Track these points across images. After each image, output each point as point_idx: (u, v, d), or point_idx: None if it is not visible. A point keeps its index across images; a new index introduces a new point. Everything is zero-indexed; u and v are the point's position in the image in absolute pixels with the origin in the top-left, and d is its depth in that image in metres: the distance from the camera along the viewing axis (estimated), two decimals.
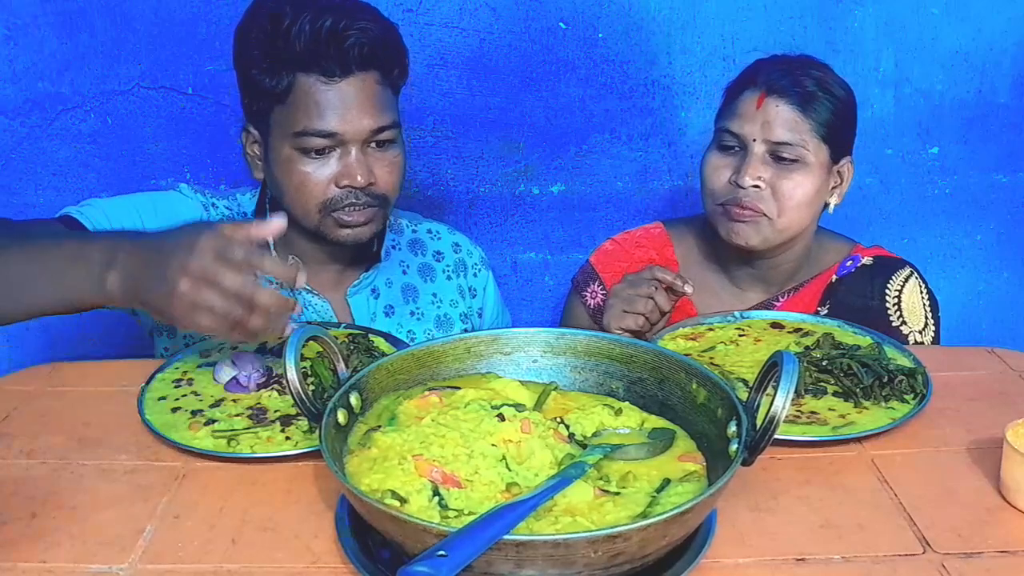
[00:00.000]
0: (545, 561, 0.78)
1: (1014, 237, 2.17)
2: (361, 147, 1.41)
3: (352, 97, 1.38)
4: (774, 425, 0.88)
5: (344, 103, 1.38)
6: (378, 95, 1.41)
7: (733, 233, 1.55)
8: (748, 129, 1.51)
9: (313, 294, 1.54)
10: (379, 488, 0.91)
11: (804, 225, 1.56)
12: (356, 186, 1.40)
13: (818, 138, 1.51)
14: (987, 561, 0.92)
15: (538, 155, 2.05)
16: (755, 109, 1.50)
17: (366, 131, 1.39)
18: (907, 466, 1.09)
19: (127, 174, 2.00)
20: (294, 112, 1.38)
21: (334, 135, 1.38)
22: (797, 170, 1.51)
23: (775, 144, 1.50)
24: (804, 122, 1.49)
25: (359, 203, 1.42)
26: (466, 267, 1.71)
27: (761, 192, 1.51)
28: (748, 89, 1.53)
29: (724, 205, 1.54)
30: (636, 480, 0.97)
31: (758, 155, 1.50)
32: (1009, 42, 2.02)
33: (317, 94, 1.37)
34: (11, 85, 1.93)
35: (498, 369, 1.15)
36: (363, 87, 1.39)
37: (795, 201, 1.51)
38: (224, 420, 1.16)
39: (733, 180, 1.52)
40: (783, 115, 1.49)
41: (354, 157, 1.40)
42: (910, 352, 1.32)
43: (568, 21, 1.96)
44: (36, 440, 1.15)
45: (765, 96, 1.50)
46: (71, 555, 0.93)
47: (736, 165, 1.53)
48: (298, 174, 1.40)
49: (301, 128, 1.38)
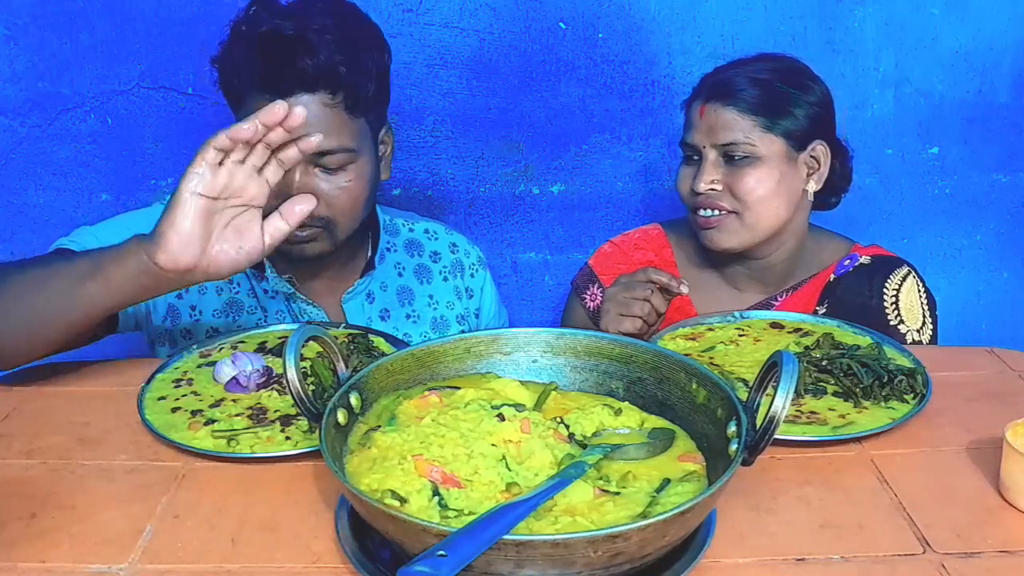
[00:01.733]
0: (545, 561, 0.78)
1: (1014, 237, 2.17)
2: (305, 167, 1.39)
3: None
4: (774, 425, 0.88)
5: None
6: (325, 117, 1.38)
7: (708, 240, 1.61)
8: (698, 138, 1.58)
9: (307, 302, 1.54)
10: (379, 488, 0.91)
11: (780, 217, 1.58)
12: None
13: (766, 132, 1.54)
14: (987, 561, 0.92)
15: (538, 155, 2.05)
16: (699, 118, 1.58)
17: None
18: (907, 466, 1.09)
19: (127, 174, 2.00)
20: None
21: None
22: (749, 165, 1.55)
23: (723, 146, 1.55)
24: (744, 119, 1.54)
25: None
26: (463, 268, 1.70)
27: (719, 193, 1.57)
28: (695, 101, 1.60)
29: (694, 214, 1.61)
30: (636, 480, 0.97)
31: (710, 160, 1.57)
32: (1009, 42, 2.02)
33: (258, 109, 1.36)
34: (11, 85, 1.93)
35: (498, 369, 1.15)
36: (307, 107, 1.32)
37: (755, 195, 1.55)
38: (224, 420, 1.16)
39: (691, 187, 1.58)
40: (722, 118, 1.55)
41: (295, 176, 1.38)
42: (910, 352, 1.32)
43: (568, 21, 1.96)
44: (36, 440, 1.15)
45: (705, 104, 1.57)
46: (71, 555, 0.93)
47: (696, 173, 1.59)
48: None
49: None
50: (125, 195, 2.00)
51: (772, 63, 1.59)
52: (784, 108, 1.55)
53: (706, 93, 1.58)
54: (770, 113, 1.54)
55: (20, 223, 2.01)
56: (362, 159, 1.44)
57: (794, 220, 1.60)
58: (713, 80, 1.59)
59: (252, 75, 1.37)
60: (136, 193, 2.00)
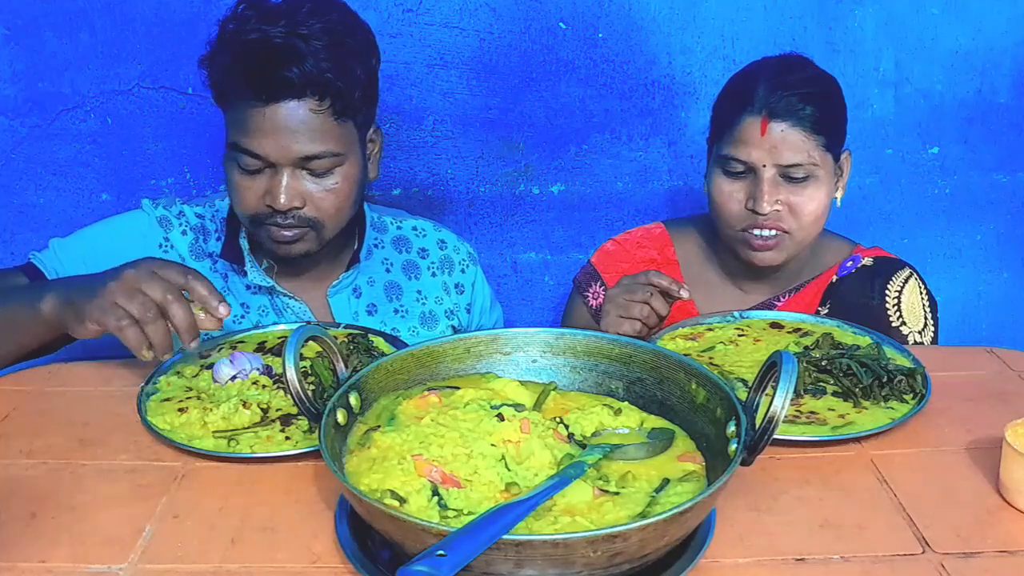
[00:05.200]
0: (544, 561, 0.78)
1: (1014, 237, 2.17)
2: (292, 170, 1.40)
3: (280, 122, 1.37)
4: (773, 425, 0.88)
5: (272, 127, 1.37)
6: (312, 122, 1.39)
7: (758, 260, 1.56)
8: (756, 156, 1.50)
9: (289, 296, 1.55)
10: (378, 488, 0.91)
11: (819, 230, 1.58)
12: (278, 208, 1.40)
13: (823, 149, 1.51)
14: (986, 561, 0.92)
15: (538, 155, 2.05)
16: (759, 136, 1.49)
17: (293, 157, 1.39)
18: (907, 466, 1.09)
19: (127, 174, 2.00)
20: (231, 125, 1.42)
21: (259, 156, 1.39)
22: (810, 185, 1.51)
23: (785, 167, 1.50)
24: (810, 140, 1.49)
25: (284, 223, 1.43)
26: (452, 263, 1.71)
27: (780, 213, 1.52)
28: (747, 114, 1.51)
29: (744, 231, 1.54)
30: (635, 480, 0.97)
31: (769, 179, 1.50)
32: (1009, 42, 2.02)
33: (246, 114, 1.38)
34: (11, 85, 1.93)
35: (497, 369, 1.15)
36: (293, 113, 1.37)
37: (813, 215, 1.53)
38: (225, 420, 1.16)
39: (750, 207, 1.52)
40: (789, 138, 1.49)
41: (283, 179, 1.40)
42: (909, 352, 1.32)
43: (568, 21, 1.96)
44: (36, 440, 1.15)
45: (768, 122, 1.49)
46: (71, 555, 0.93)
47: (748, 190, 1.52)
48: (233, 184, 1.44)
49: (232, 142, 1.41)
50: (125, 195, 2.00)
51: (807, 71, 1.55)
52: (839, 120, 1.54)
53: (768, 109, 1.48)
54: (830, 133, 1.51)
55: (20, 223, 2.01)
56: (349, 162, 1.45)
57: None
58: (772, 94, 1.49)
59: (239, 80, 1.38)
60: (136, 193, 1.99)
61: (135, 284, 1.17)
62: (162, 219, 1.54)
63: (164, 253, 1.52)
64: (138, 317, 1.15)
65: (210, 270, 1.54)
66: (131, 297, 1.16)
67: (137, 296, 1.16)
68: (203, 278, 1.21)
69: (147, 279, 1.17)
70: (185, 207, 1.57)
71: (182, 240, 1.54)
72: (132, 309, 1.15)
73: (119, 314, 1.16)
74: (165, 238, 1.53)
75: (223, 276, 1.54)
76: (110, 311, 1.16)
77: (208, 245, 1.55)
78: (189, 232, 1.54)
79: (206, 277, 1.22)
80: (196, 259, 1.54)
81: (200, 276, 1.21)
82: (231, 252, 1.53)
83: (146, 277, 1.17)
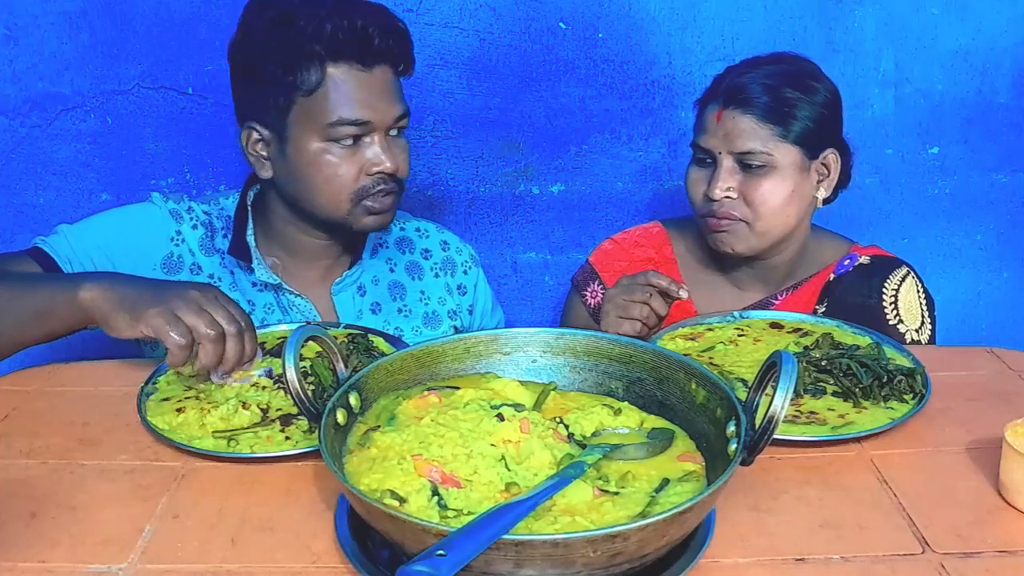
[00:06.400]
0: (544, 561, 0.78)
1: (1014, 237, 2.17)
2: (384, 135, 1.45)
3: (379, 87, 1.43)
4: (773, 425, 0.88)
5: (374, 93, 1.42)
6: (396, 84, 1.47)
7: (718, 242, 1.60)
8: (713, 143, 1.55)
9: (294, 294, 1.55)
10: (378, 488, 0.91)
11: (789, 225, 1.57)
12: (387, 172, 1.45)
13: (783, 141, 1.53)
14: (986, 561, 0.92)
15: (538, 155, 2.05)
16: (716, 123, 1.55)
17: (391, 119, 1.45)
18: (906, 466, 1.09)
19: (127, 174, 2.00)
20: (324, 103, 1.40)
21: (367, 123, 1.42)
22: (766, 175, 1.53)
23: (740, 154, 1.53)
24: (763, 128, 1.52)
25: (387, 188, 1.47)
26: (455, 265, 1.71)
27: (733, 201, 1.55)
28: (711, 103, 1.57)
29: (704, 217, 1.59)
30: (635, 480, 0.97)
31: (726, 167, 1.55)
32: (1009, 42, 2.02)
33: (349, 84, 1.41)
34: (11, 85, 1.93)
35: (497, 369, 1.15)
36: (385, 77, 1.44)
37: (769, 205, 1.54)
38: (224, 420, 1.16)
39: (705, 193, 1.56)
40: (741, 126, 1.52)
41: (380, 145, 1.45)
42: (909, 352, 1.32)
43: (568, 21, 1.96)
44: (36, 440, 1.15)
45: (723, 110, 1.54)
46: (71, 555, 0.93)
47: (709, 178, 1.57)
48: (329, 166, 1.43)
49: (336, 118, 1.41)
50: (125, 195, 2.00)
51: (782, 66, 1.57)
52: (817, 118, 1.54)
53: (723, 98, 1.54)
54: (782, 121, 1.52)
55: (20, 223, 2.01)
56: None
57: (801, 225, 1.61)
58: (729, 84, 1.55)
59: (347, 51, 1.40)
60: (136, 193, 1.99)
61: (202, 304, 1.19)
62: (173, 212, 1.55)
63: (176, 246, 1.53)
64: (201, 335, 1.17)
65: (220, 266, 1.54)
66: (198, 315, 1.18)
67: (203, 315, 1.18)
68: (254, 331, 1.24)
69: (214, 304, 1.20)
70: (193, 203, 1.57)
71: (192, 234, 1.54)
72: (197, 326, 1.17)
73: (181, 327, 1.17)
74: (177, 231, 1.53)
75: (230, 272, 1.55)
76: (172, 323, 1.17)
77: (216, 242, 1.56)
78: (199, 227, 1.55)
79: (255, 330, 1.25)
80: (206, 254, 1.54)
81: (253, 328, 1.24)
82: (238, 249, 1.54)
83: (213, 302, 1.20)
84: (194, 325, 1.17)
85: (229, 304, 1.22)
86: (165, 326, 1.17)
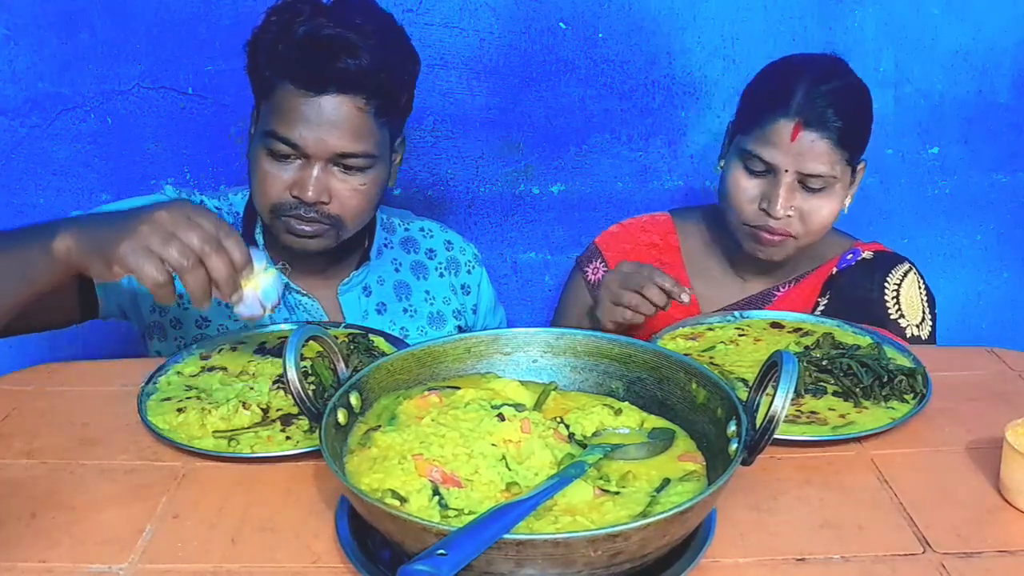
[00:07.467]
0: (545, 560, 0.78)
1: (1014, 237, 2.17)
2: (324, 164, 1.41)
3: (323, 115, 1.38)
4: (774, 425, 0.88)
5: (314, 118, 1.38)
6: (354, 120, 1.39)
7: (760, 252, 1.57)
8: (781, 160, 1.50)
9: (301, 293, 1.55)
10: (379, 488, 0.91)
11: (823, 235, 1.58)
12: (305, 200, 1.41)
13: (845, 163, 1.52)
14: (986, 561, 0.92)
15: (538, 155, 2.05)
16: (789, 141, 1.49)
17: (329, 152, 1.39)
18: (907, 466, 1.09)
19: (127, 174, 2.00)
20: (269, 112, 1.41)
21: (296, 146, 1.39)
22: (824, 195, 1.52)
23: (807, 175, 1.50)
24: (835, 153, 1.50)
25: (306, 216, 1.42)
26: (459, 264, 1.72)
27: (791, 219, 1.53)
28: (781, 116, 1.49)
29: (753, 227, 1.55)
30: (636, 480, 0.97)
31: (788, 184, 1.50)
32: (1009, 42, 2.02)
33: (289, 102, 1.38)
34: (11, 85, 1.93)
35: (498, 369, 1.15)
36: (338, 108, 1.38)
37: (823, 224, 1.54)
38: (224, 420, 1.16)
39: (763, 207, 1.53)
40: (817, 149, 1.49)
41: (313, 172, 1.40)
42: (910, 352, 1.32)
43: (568, 21, 1.96)
44: (36, 440, 1.15)
45: (800, 129, 1.48)
46: (71, 555, 0.93)
47: (765, 190, 1.53)
48: (260, 171, 1.43)
49: (270, 129, 1.40)
50: (125, 195, 1.98)
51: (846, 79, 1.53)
52: (865, 140, 1.54)
53: (804, 116, 1.47)
54: (854, 149, 1.52)
55: (20, 223, 1.99)
56: (379, 165, 1.46)
57: None
58: (810, 102, 1.48)
59: (289, 68, 1.38)
60: (136, 193, 1.98)
61: (170, 228, 1.07)
62: None
63: None
64: (175, 266, 1.07)
65: None
66: (167, 242, 1.06)
67: (173, 242, 1.07)
68: (237, 236, 1.12)
69: (184, 225, 1.08)
70: (204, 198, 1.58)
71: None
72: (169, 256, 1.06)
73: (153, 261, 1.06)
74: None
75: None
76: (143, 256, 1.06)
77: None
78: None
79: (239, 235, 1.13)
80: None
81: (235, 234, 1.12)
82: None
83: (183, 222, 1.08)
84: (167, 257, 1.06)
85: (201, 216, 1.10)
86: (136, 264, 1.06)
